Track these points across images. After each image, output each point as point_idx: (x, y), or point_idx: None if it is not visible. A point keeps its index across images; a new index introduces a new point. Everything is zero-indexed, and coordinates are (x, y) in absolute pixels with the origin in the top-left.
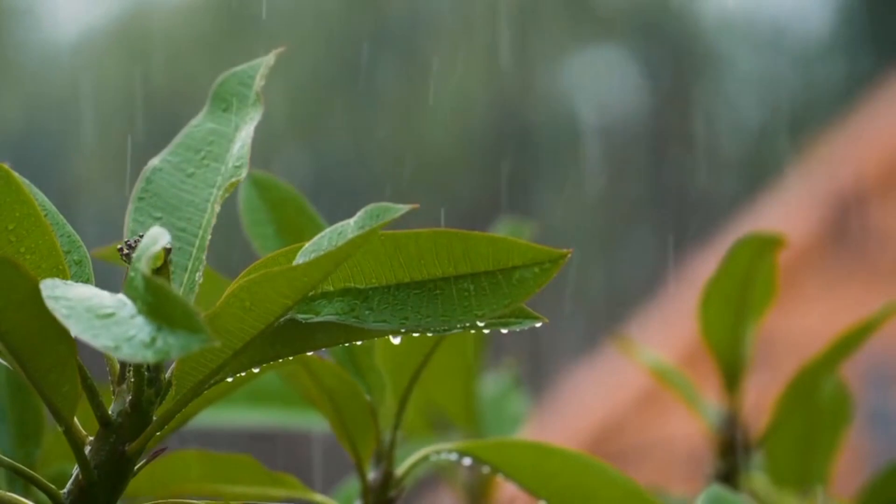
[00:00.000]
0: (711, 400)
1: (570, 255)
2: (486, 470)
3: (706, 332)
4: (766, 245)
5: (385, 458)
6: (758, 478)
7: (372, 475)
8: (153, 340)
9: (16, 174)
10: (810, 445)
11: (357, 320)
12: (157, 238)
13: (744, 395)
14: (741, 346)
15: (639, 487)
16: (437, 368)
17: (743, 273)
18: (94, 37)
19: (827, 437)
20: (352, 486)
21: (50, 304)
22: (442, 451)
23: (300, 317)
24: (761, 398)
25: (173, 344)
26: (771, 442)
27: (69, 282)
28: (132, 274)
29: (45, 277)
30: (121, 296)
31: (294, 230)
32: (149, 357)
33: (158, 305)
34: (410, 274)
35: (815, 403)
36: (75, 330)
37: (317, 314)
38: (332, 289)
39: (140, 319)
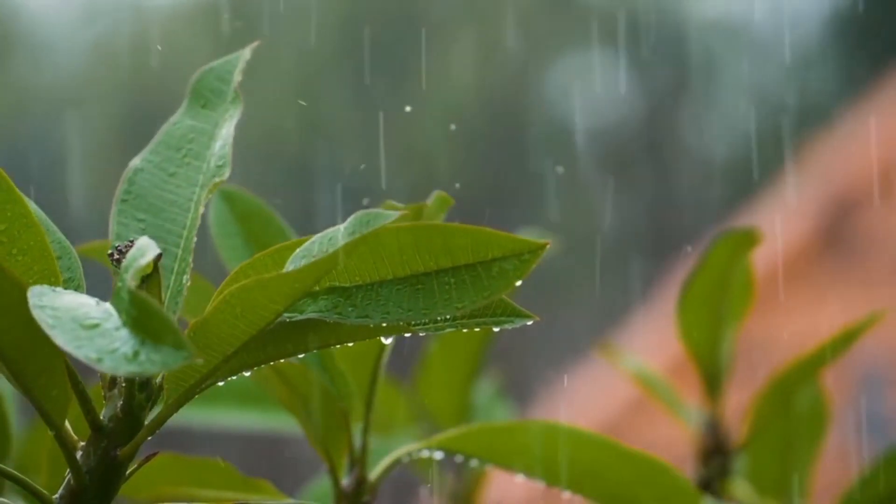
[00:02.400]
0: (697, 406)
1: (548, 247)
2: (459, 459)
3: (685, 336)
4: (742, 242)
5: (358, 462)
6: (739, 483)
7: (345, 481)
8: (136, 354)
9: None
10: (791, 450)
11: (340, 317)
12: (144, 250)
13: (725, 399)
14: (721, 350)
15: (608, 439)
16: (435, 378)
17: (720, 273)
18: (92, 38)
19: (807, 442)
20: (320, 486)
21: (36, 313)
22: (414, 451)
23: (284, 315)
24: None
25: (155, 359)
26: (752, 447)
27: (58, 289)
28: (119, 284)
29: (37, 280)
30: (108, 306)
31: (262, 242)
32: (130, 371)
33: (142, 319)
34: (393, 270)
35: (796, 408)
36: (59, 341)
37: (301, 312)
38: (317, 288)
39: (125, 332)
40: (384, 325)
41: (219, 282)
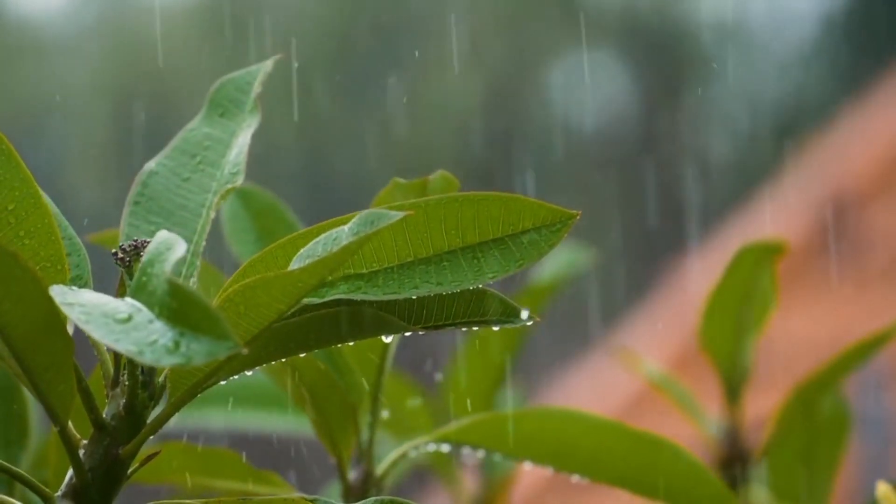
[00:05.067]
0: (709, 408)
1: (579, 217)
2: (466, 451)
3: (708, 344)
4: (767, 252)
5: (365, 457)
6: (759, 491)
7: (352, 475)
8: (177, 346)
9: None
10: (812, 458)
11: (366, 295)
12: (170, 243)
13: (745, 407)
14: (743, 358)
15: (616, 422)
16: (460, 385)
17: (744, 283)
18: (90, 36)
19: (828, 450)
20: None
21: (66, 310)
22: (420, 444)
23: (306, 300)
24: (756, 403)
25: (198, 350)
26: (772, 454)
27: (74, 288)
28: (144, 278)
29: (43, 265)
30: (130, 300)
31: (274, 238)
32: (172, 362)
33: (182, 310)
34: (414, 252)
35: (817, 416)
36: (96, 334)
37: (322, 298)
38: (330, 278)
39: (159, 325)
40: (414, 297)
41: None
